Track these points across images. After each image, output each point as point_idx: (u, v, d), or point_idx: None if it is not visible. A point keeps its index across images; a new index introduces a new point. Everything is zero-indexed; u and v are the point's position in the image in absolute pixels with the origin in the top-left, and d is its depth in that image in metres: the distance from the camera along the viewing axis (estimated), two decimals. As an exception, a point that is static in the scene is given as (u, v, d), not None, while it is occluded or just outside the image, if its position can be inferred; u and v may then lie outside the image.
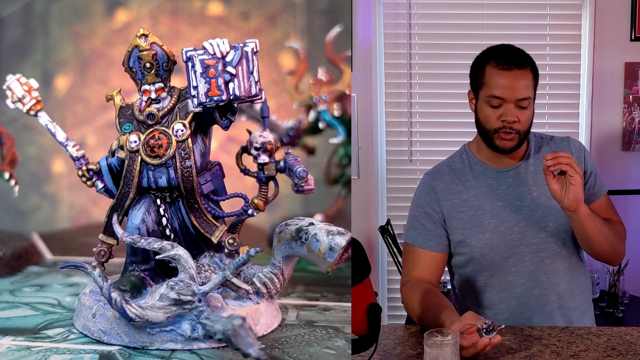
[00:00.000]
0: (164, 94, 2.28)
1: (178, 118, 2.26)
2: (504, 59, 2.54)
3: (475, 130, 2.68)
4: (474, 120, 2.69)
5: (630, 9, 4.42)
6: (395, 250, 4.21)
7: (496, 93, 2.53)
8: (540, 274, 2.60)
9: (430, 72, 4.63)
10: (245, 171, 2.35)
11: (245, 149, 2.34)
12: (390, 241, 4.24)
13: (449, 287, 2.86)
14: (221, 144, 3.57)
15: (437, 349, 1.97)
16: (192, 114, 2.24)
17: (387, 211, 4.68)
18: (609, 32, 4.46)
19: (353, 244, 1.99)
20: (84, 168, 2.37)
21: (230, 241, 2.33)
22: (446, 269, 2.76)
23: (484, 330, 2.11)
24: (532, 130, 2.70)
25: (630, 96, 4.46)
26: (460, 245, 2.64)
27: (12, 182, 2.90)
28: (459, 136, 3.11)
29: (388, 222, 4.35)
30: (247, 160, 2.35)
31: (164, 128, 2.26)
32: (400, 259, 4.13)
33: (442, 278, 2.83)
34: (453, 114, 4.53)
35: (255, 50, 2.20)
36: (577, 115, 4.56)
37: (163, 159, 2.24)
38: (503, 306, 2.62)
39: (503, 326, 2.19)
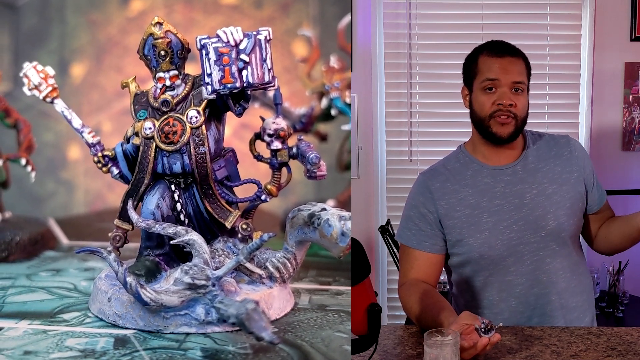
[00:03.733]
0: (178, 82, 2.29)
1: (192, 105, 2.28)
2: (497, 48, 2.59)
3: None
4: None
5: (630, 9, 4.37)
6: (395, 250, 4.17)
7: (490, 75, 2.54)
8: (540, 273, 2.56)
9: (430, 72, 4.57)
10: (258, 157, 2.37)
11: (258, 136, 2.36)
12: (390, 241, 4.19)
13: (448, 288, 2.84)
14: (235, 130, 3.59)
15: (437, 349, 1.96)
16: (206, 101, 2.26)
17: (387, 211, 4.62)
18: (609, 32, 4.41)
19: (353, 244, 1.98)
20: (100, 154, 2.39)
21: (244, 226, 2.35)
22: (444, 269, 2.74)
23: (482, 330, 2.09)
24: (531, 129, 2.71)
25: (630, 96, 4.42)
26: (458, 245, 2.59)
27: (29, 168, 2.94)
28: (459, 136, 3.08)
29: (388, 222, 4.30)
30: (261, 147, 2.37)
31: (178, 115, 2.28)
32: None
33: (441, 278, 2.84)
34: (453, 114, 4.44)
35: (268, 38, 2.22)
36: (577, 115, 4.51)
37: (177, 146, 2.26)
38: (503, 306, 2.58)
39: (501, 324, 2.18)
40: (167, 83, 2.29)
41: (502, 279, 2.57)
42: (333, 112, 3.10)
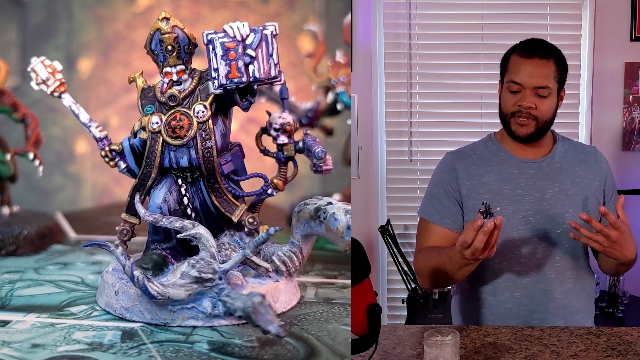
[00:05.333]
0: (185, 76, 2.30)
1: (199, 99, 2.29)
2: (528, 48, 2.60)
3: (478, 129, 2.71)
4: (474, 120, 2.71)
5: (630, 9, 4.35)
6: (395, 250, 4.16)
7: (515, 79, 2.57)
8: (549, 269, 2.58)
9: (430, 72, 4.55)
10: (264, 152, 2.38)
11: (264, 130, 2.36)
12: (390, 241, 4.18)
13: (450, 288, 2.84)
14: (241, 125, 3.60)
15: (437, 349, 1.95)
16: (212, 95, 2.27)
17: (387, 211, 4.61)
18: (609, 32, 4.39)
19: (353, 244, 1.98)
20: (107, 149, 2.40)
21: (250, 220, 2.36)
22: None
23: (485, 214, 2.17)
24: (561, 133, 2.74)
25: (630, 96, 4.39)
26: None
27: (37, 162, 2.95)
28: (459, 136, 3.09)
29: (388, 222, 4.28)
30: (267, 141, 2.38)
31: (185, 109, 2.28)
32: (400, 259, 4.12)
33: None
34: (453, 114, 4.49)
35: (274, 33, 2.23)
36: (577, 115, 4.48)
37: (184, 140, 2.27)
38: (507, 295, 2.60)
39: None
40: (174, 78, 2.29)
41: (511, 268, 2.59)
42: (339, 106, 3.12)
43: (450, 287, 2.80)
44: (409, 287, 4.09)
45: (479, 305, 2.64)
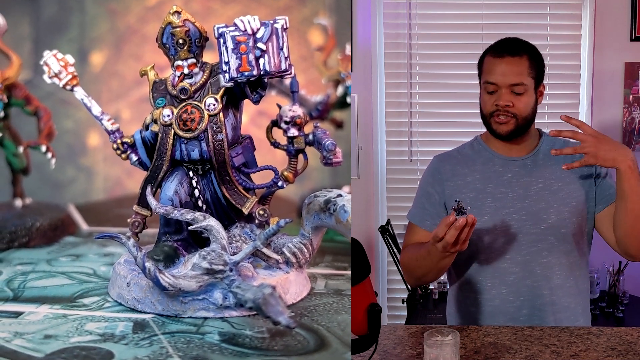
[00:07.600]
0: (196, 70, 2.31)
1: (210, 93, 2.30)
2: (500, 48, 2.64)
3: (478, 129, 2.72)
4: (474, 120, 2.72)
5: (630, 9, 4.35)
6: (395, 250, 4.15)
7: (490, 79, 2.61)
8: (535, 265, 2.59)
9: (430, 72, 4.56)
10: (275, 144, 2.39)
11: (275, 123, 2.37)
12: (390, 241, 4.17)
13: (448, 287, 2.85)
14: (252, 117, 3.61)
15: (437, 349, 1.96)
16: (223, 88, 2.28)
17: (387, 211, 4.62)
18: (609, 32, 4.39)
19: (353, 244, 1.98)
20: (119, 141, 2.42)
21: (261, 212, 2.38)
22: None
23: (458, 212, 2.21)
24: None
25: (630, 96, 4.38)
26: None
27: (49, 155, 2.96)
28: (459, 136, 3.08)
29: (388, 222, 4.28)
30: (277, 134, 2.38)
31: (196, 102, 2.30)
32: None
33: (441, 278, 2.89)
34: (453, 114, 4.50)
35: (285, 27, 2.23)
36: (577, 116, 4.44)
37: (195, 133, 2.28)
38: (495, 292, 2.61)
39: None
40: (186, 71, 2.31)
41: (497, 265, 2.61)
42: (349, 99, 3.12)
43: (449, 287, 2.80)
44: (409, 287, 4.09)
45: (467, 304, 2.66)
